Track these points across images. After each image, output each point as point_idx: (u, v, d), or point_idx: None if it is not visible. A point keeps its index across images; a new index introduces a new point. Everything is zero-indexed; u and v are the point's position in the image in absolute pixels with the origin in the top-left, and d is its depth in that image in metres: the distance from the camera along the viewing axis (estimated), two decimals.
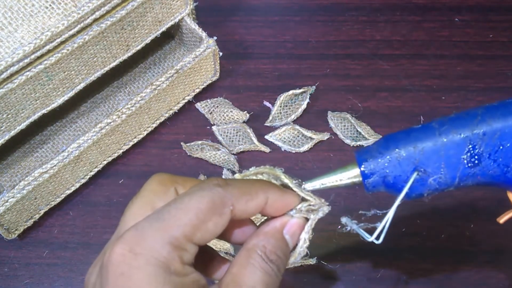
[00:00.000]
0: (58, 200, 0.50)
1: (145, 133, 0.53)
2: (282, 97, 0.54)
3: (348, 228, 0.33)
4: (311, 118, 0.54)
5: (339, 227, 0.33)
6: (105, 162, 0.52)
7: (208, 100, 0.55)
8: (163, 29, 0.49)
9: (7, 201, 0.45)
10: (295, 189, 0.31)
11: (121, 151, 0.52)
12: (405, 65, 0.57)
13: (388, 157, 0.31)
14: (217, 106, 0.54)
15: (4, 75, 0.40)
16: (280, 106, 0.54)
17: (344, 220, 0.33)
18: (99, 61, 0.46)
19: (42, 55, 0.41)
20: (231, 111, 0.54)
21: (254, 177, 0.32)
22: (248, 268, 0.28)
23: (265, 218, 0.32)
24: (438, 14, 0.60)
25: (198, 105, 0.55)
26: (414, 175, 0.31)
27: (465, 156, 0.31)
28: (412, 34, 0.59)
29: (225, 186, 0.28)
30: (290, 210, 0.30)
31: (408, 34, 0.59)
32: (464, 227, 0.49)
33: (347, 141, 0.53)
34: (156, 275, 0.25)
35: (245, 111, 0.54)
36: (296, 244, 0.31)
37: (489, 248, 0.48)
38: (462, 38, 0.59)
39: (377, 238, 0.32)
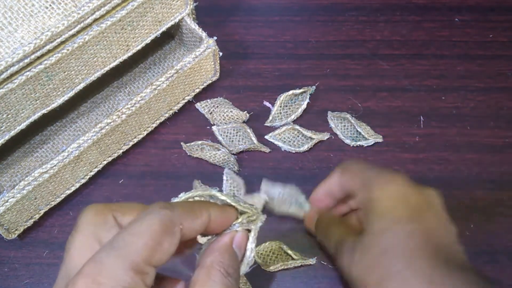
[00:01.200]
0: (58, 200, 0.50)
1: (145, 133, 0.53)
2: (282, 97, 0.54)
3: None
4: (311, 118, 0.55)
5: None
6: (105, 162, 0.52)
7: (208, 100, 0.55)
8: (163, 29, 0.49)
9: (7, 201, 0.45)
10: (233, 203, 0.32)
11: (121, 151, 0.52)
12: (405, 65, 0.57)
13: None
14: (217, 106, 0.54)
15: (4, 75, 0.40)
16: (280, 106, 0.54)
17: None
18: (99, 61, 0.46)
19: (42, 55, 0.41)
20: (231, 111, 0.54)
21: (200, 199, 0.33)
22: (210, 285, 0.29)
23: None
24: (438, 14, 0.60)
25: (198, 105, 0.55)
26: None
27: None
28: (412, 34, 0.59)
29: (170, 208, 0.28)
30: (233, 225, 0.32)
31: (408, 34, 0.59)
32: (464, 227, 0.49)
33: (347, 141, 0.53)
34: None
35: (245, 111, 0.54)
36: (244, 255, 0.32)
37: (489, 248, 0.48)
38: (462, 38, 0.59)
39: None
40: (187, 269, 0.37)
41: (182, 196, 0.33)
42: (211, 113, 0.55)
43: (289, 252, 0.47)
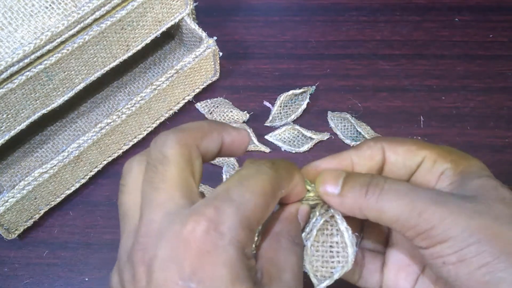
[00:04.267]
0: (58, 200, 0.50)
1: (145, 133, 0.53)
2: (282, 97, 0.54)
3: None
4: (311, 118, 0.54)
5: None
6: (105, 162, 0.52)
7: (208, 100, 0.55)
8: (163, 29, 0.49)
9: (7, 201, 0.45)
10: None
11: (121, 151, 0.52)
12: (405, 65, 0.57)
13: None
14: (217, 106, 0.54)
15: (4, 75, 0.40)
16: (280, 106, 0.54)
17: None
18: (99, 61, 0.46)
19: (42, 55, 0.41)
20: (231, 111, 0.54)
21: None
22: (283, 252, 0.29)
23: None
24: (438, 14, 0.60)
25: (198, 105, 0.55)
26: None
27: None
28: (412, 34, 0.59)
29: (277, 169, 0.28)
30: (315, 219, 0.32)
31: (408, 34, 0.59)
32: None
33: (347, 141, 0.53)
34: (237, 258, 0.25)
35: (245, 111, 0.54)
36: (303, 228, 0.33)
37: None
38: (462, 38, 0.59)
39: None
40: None
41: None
42: (211, 113, 0.55)
43: None
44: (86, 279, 0.48)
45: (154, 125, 0.53)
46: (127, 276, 0.26)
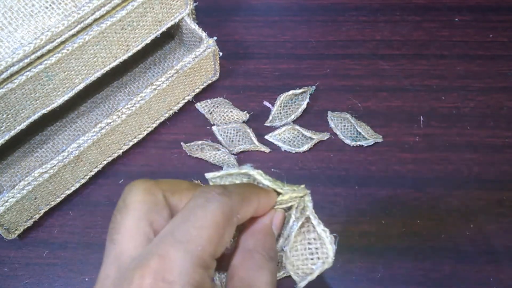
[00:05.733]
0: (58, 200, 0.50)
1: (145, 133, 0.53)
2: (282, 97, 0.54)
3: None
4: (311, 118, 0.55)
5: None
6: (105, 162, 0.52)
7: (208, 100, 0.55)
8: (163, 29, 0.49)
9: (7, 201, 0.45)
10: (274, 187, 0.31)
11: (121, 151, 0.52)
12: (405, 65, 0.57)
13: None
14: (217, 106, 0.54)
15: (4, 75, 0.40)
16: (280, 106, 0.54)
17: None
18: (99, 61, 0.46)
19: (42, 55, 0.41)
20: (231, 111, 0.54)
21: (226, 179, 0.32)
22: (255, 270, 0.28)
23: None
24: (438, 14, 0.60)
25: (198, 105, 0.55)
26: None
27: None
28: (412, 34, 0.59)
29: (229, 195, 0.27)
30: (292, 225, 0.31)
31: (408, 34, 0.59)
32: (464, 227, 0.49)
33: (347, 141, 0.53)
34: None
35: (245, 111, 0.54)
36: (279, 234, 0.32)
37: (489, 248, 0.48)
38: (462, 38, 0.59)
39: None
40: None
41: (219, 174, 0.31)
42: (211, 113, 0.55)
43: None
44: (86, 279, 0.48)
45: (154, 125, 0.53)
46: None
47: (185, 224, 0.25)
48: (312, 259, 0.31)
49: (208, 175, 0.31)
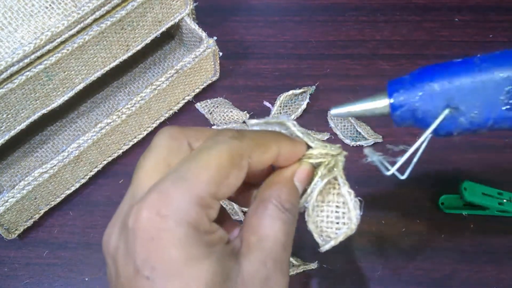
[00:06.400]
0: (58, 200, 0.50)
1: (145, 133, 0.53)
2: (282, 97, 0.54)
3: (369, 159, 0.31)
4: (311, 118, 0.54)
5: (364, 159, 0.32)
6: (105, 162, 0.52)
7: (208, 100, 0.55)
8: (163, 29, 0.49)
9: (7, 201, 0.45)
10: (304, 139, 0.30)
11: (121, 151, 0.52)
12: (405, 65, 0.57)
13: (420, 90, 0.29)
14: (217, 106, 0.54)
15: (4, 75, 0.40)
16: (280, 106, 0.54)
17: (366, 151, 0.31)
18: (99, 61, 0.46)
19: (42, 55, 0.41)
20: (231, 111, 0.54)
21: (265, 127, 0.32)
22: (267, 219, 0.28)
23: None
24: (438, 14, 0.60)
25: (198, 105, 0.55)
26: (446, 111, 0.29)
27: (503, 98, 0.29)
28: (412, 34, 0.59)
29: (241, 138, 0.27)
30: (317, 182, 0.30)
31: (408, 34, 0.59)
32: (464, 227, 0.49)
33: (347, 141, 0.53)
34: (188, 237, 0.24)
35: (245, 111, 0.54)
36: (305, 190, 0.30)
37: (489, 248, 0.48)
38: (462, 38, 0.59)
39: (401, 173, 0.30)
40: None
41: (254, 122, 0.31)
42: (211, 113, 0.55)
43: (290, 258, 0.46)
44: (86, 279, 0.48)
45: (154, 125, 0.53)
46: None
47: (189, 163, 0.26)
48: (337, 223, 0.30)
49: (250, 122, 0.31)
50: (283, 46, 0.59)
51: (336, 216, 0.31)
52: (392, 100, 0.30)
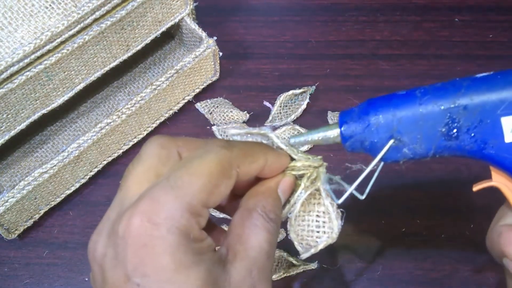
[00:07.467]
0: (58, 200, 0.50)
1: (145, 133, 0.53)
2: (282, 97, 0.54)
3: (326, 187, 0.33)
4: (311, 118, 0.54)
5: None
6: (105, 162, 0.52)
7: (208, 100, 0.55)
8: (163, 29, 0.49)
9: (7, 201, 0.45)
10: (288, 152, 0.31)
11: (121, 151, 0.52)
12: (405, 65, 0.57)
13: (366, 122, 0.31)
14: (217, 106, 0.54)
15: (4, 75, 0.40)
16: (280, 106, 0.54)
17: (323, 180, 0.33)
18: (99, 61, 0.46)
19: (42, 55, 0.41)
20: (231, 111, 0.54)
21: (246, 138, 0.32)
22: (252, 228, 0.28)
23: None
24: (438, 14, 0.60)
25: (198, 105, 0.55)
26: (390, 142, 0.31)
27: (443, 129, 0.31)
28: (412, 34, 0.59)
29: (230, 148, 0.28)
30: (300, 193, 0.31)
31: (408, 34, 0.59)
32: (464, 227, 0.49)
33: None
34: (179, 244, 0.25)
35: (245, 111, 0.54)
36: (288, 200, 0.31)
37: None
38: (462, 38, 0.59)
39: (361, 192, 0.32)
40: None
41: (234, 132, 0.32)
42: (211, 113, 0.55)
43: (290, 258, 0.46)
44: (86, 279, 0.48)
45: (154, 125, 0.53)
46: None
47: (180, 171, 0.26)
48: (318, 232, 0.31)
49: (230, 131, 0.32)
50: (283, 46, 0.59)
51: (317, 225, 0.32)
52: (342, 129, 0.32)
